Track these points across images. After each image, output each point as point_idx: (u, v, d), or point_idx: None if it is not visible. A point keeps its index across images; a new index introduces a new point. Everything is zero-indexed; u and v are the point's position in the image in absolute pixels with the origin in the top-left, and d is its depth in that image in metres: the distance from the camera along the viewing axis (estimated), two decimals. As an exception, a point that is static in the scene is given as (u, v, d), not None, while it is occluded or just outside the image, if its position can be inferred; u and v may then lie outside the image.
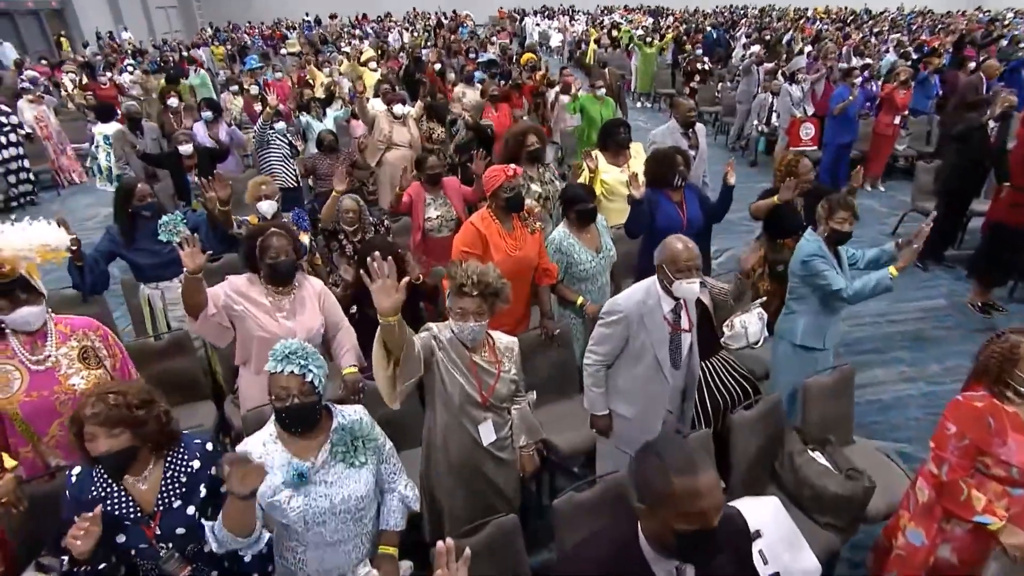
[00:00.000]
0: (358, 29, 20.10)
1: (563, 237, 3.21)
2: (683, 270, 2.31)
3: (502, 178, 2.98)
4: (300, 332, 2.55)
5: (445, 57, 9.47)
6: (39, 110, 8.04)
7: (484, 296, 2.10)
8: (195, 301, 2.42)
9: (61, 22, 20.33)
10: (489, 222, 3.04)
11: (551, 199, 4.10)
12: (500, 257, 2.92)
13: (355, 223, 3.96)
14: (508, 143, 4.08)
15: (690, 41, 13.20)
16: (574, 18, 21.86)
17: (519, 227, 3.08)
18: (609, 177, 4.19)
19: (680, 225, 3.45)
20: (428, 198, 4.11)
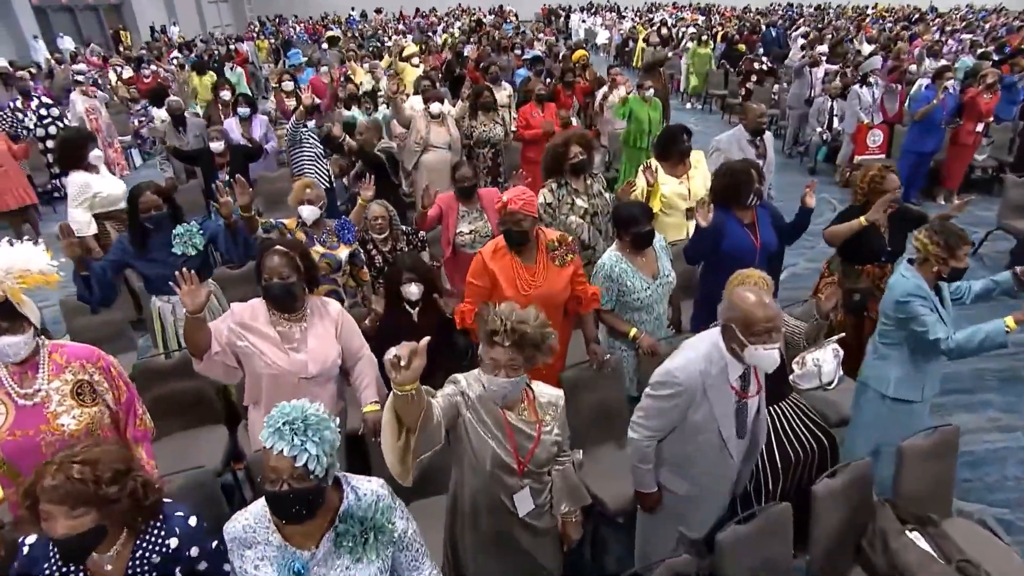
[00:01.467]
0: (401, 24, 19.97)
1: (615, 262, 2.84)
2: (760, 334, 1.88)
3: (501, 209, 2.57)
4: (312, 365, 2.28)
5: (493, 53, 9.16)
6: (90, 103, 8.06)
7: (521, 347, 1.76)
8: (197, 342, 2.16)
9: (119, 16, 20.84)
10: (503, 253, 2.63)
11: (599, 214, 3.73)
12: (511, 295, 2.55)
13: (385, 230, 3.69)
14: (548, 155, 3.70)
15: (743, 40, 12.56)
16: (622, 15, 21.27)
17: (543, 260, 2.66)
18: (668, 189, 3.81)
19: (752, 250, 3.05)
20: (461, 210, 3.77)
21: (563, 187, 3.65)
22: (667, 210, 3.92)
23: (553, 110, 5.66)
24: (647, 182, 3.74)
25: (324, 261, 3.28)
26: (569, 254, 2.64)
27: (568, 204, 3.64)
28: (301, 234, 3.31)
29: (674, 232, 3.94)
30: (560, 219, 3.64)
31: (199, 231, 3.01)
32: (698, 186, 3.90)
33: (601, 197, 3.75)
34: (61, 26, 18.15)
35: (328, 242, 3.36)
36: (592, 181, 3.75)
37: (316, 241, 3.32)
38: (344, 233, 3.40)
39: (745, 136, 4.10)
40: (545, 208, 3.58)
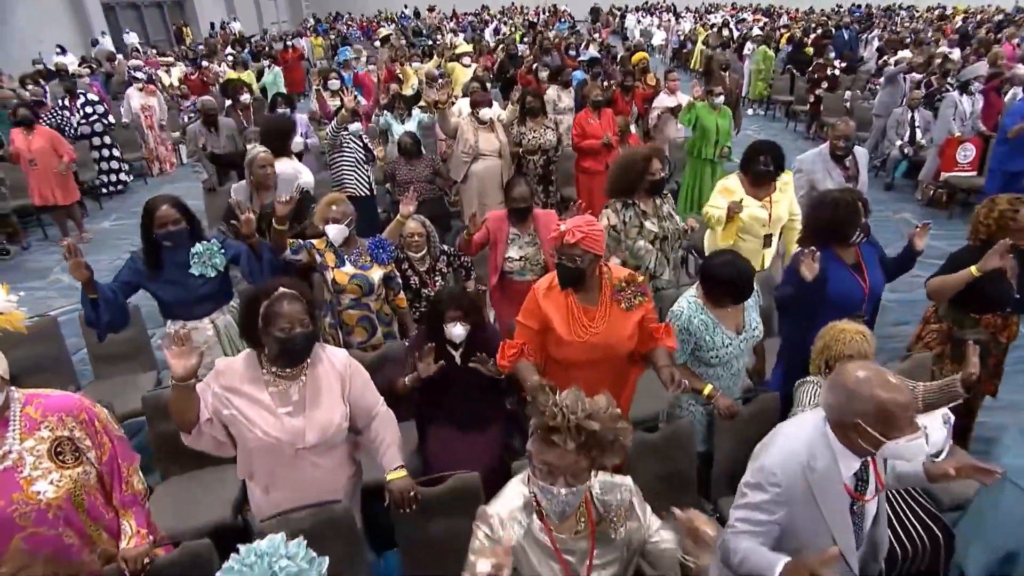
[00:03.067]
0: (452, 22, 19.78)
1: (694, 312, 2.41)
2: (902, 427, 1.47)
3: (557, 238, 2.14)
4: (311, 433, 1.92)
5: (539, 54, 8.79)
6: (147, 100, 8.08)
7: (587, 448, 1.37)
8: (185, 414, 1.84)
9: (181, 13, 21.36)
10: (560, 290, 2.23)
11: (669, 239, 3.31)
12: (566, 339, 2.19)
13: (422, 248, 3.36)
14: (622, 170, 3.23)
15: (813, 43, 11.79)
16: (680, 16, 20.53)
17: (607, 302, 2.25)
18: (745, 212, 3.37)
19: (859, 296, 2.59)
20: (511, 233, 3.38)
21: (630, 208, 3.23)
22: (743, 235, 3.47)
23: (610, 117, 5.24)
24: (729, 212, 3.28)
25: (354, 283, 2.98)
26: (638, 296, 2.21)
27: (636, 227, 3.23)
28: (331, 255, 3.01)
29: (751, 260, 3.48)
30: (627, 244, 3.23)
31: (220, 250, 2.74)
32: (781, 211, 3.43)
33: (671, 220, 3.32)
34: (128, 23, 18.68)
35: (359, 262, 3.04)
36: (662, 202, 3.33)
37: (347, 261, 3.02)
38: (379, 253, 3.07)
39: (831, 154, 3.59)
40: (610, 232, 3.18)
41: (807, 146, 9.60)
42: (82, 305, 2.60)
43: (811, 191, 3.66)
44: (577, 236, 2.05)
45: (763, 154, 3.36)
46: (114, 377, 3.38)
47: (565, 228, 2.05)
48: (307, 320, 1.88)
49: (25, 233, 6.42)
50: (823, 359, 2.32)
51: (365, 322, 3.07)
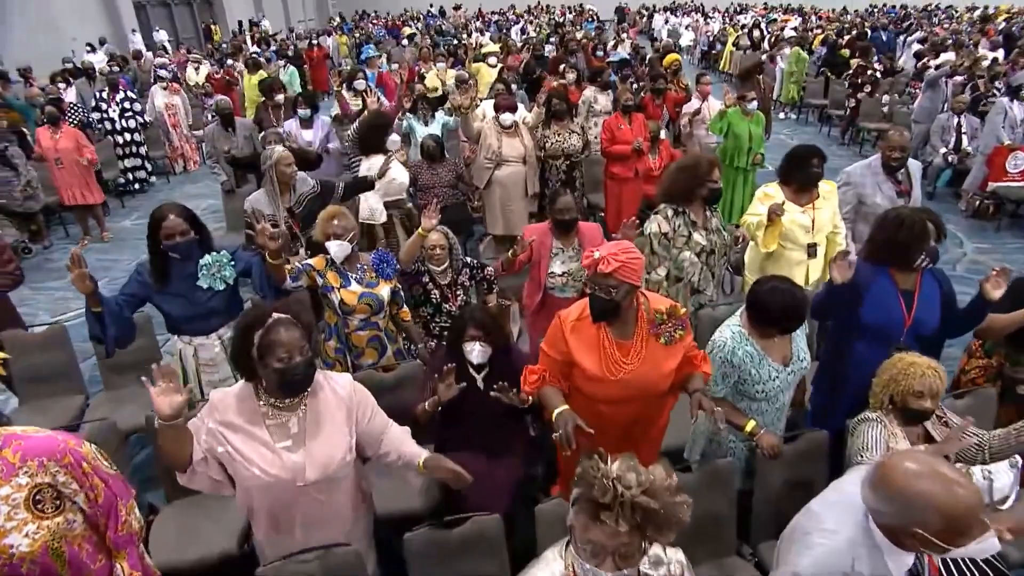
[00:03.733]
0: (478, 21, 19.63)
1: (739, 343, 2.20)
2: (971, 532, 1.27)
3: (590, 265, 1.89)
4: (312, 470, 1.75)
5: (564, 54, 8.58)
6: (170, 99, 8.07)
7: (642, 528, 1.20)
8: (177, 454, 1.70)
9: (210, 11, 21.55)
10: (589, 322, 1.99)
11: (715, 253, 3.11)
12: (593, 374, 1.98)
13: (444, 261, 3.18)
14: (681, 175, 3.02)
15: (848, 45, 11.40)
16: (708, 16, 20.13)
17: (643, 335, 2.02)
18: (787, 218, 3.16)
19: (898, 325, 2.36)
20: (555, 247, 3.17)
21: (680, 215, 3.03)
22: (785, 243, 3.25)
23: (642, 122, 5.03)
24: (771, 214, 3.07)
25: (364, 302, 2.81)
26: (679, 330, 2.00)
27: (683, 237, 3.03)
28: (333, 274, 2.83)
29: (793, 273, 3.26)
30: (672, 254, 3.05)
31: (230, 261, 2.60)
32: (824, 219, 3.21)
33: (719, 234, 3.11)
34: (158, 20, 18.89)
35: (365, 279, 2.86)
36: (712, 214, 3.12)
37: (352, 280, 2.84)
38: (383, 267, 2.89)
39: (882, 167, 3.35)
40: (660, 239, 3.00)
41: (842, 152, 9.29)
42: (86, 319, 2.48)
43: (859, 206, 3.43)
44: (613, 265, 1.83)
45: (814, 156, 3.15)
46: (124, 387, 3.27)
47: (599, 255, 1.84)
48: (306, 347, 1.72)
49: (48, 232, 6.41)
50: (887, 393, 2.11)
51: (375, 342, 2.91)
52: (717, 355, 2.21)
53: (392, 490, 2.48)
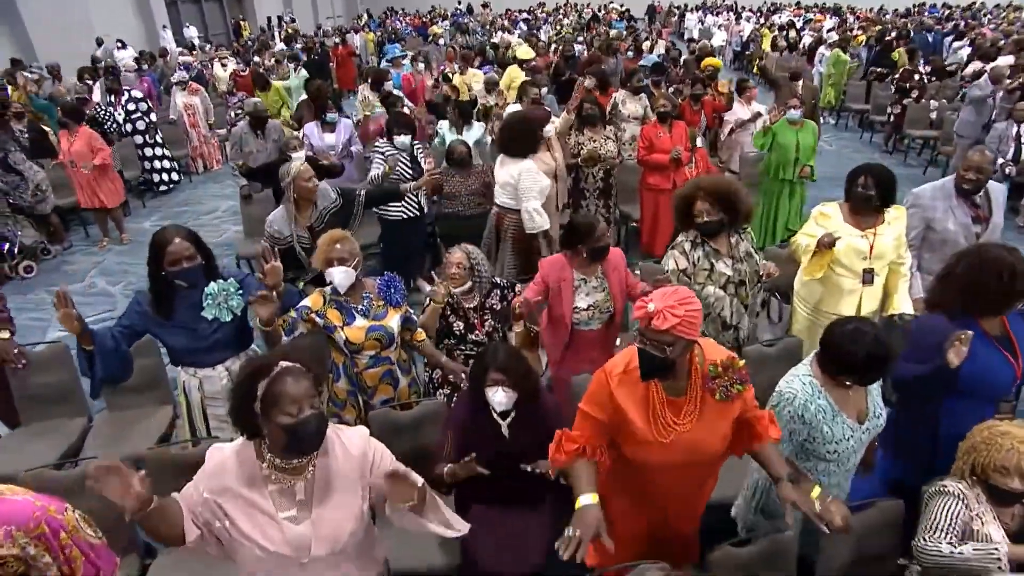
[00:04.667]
0: (507, 20, 19.35)
1: (810, 396, 1.92)
2: None
3: (643, 318, 1.61)
4: (319, 544, 1.54)
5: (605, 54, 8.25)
6: (189, 99, 7.98)
7: None
8: (166, 535, 1.50)
9: (240, 7, 21.63)
10: (637, 375, 1.71)
11: (747, 283, 2.81)
12: (642, 436, 1.73)
13: (465, 282, 2.91)
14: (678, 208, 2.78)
15: (901, 44, 10.88)
16: (741, 15, 19.57)
17: (698, 392, 1.75)
18: (843, 241, 2.86)
19: (1009, 378, 2.05)
20: (577, 279, 2.87)
21: (700, 247, 2.75)
22: (837, 268, 2.94)
23: (683, 130, 4.72)
24: (820, 245, 2.78)
25: (373, 338, 2.53)
26: (737, 385, 1.73)
27: (705, 270, 2.74)
28: (334, 312, 2.53)
29: (845, 302, 2.98)
30: (695, 289, 2.76)
31: (238, 290, 2.36)
32: (886, 246, 2.88)
33: (750, 260, 2.81)
34: (189, 17, 19.00)
35: (372, 310, 2.58)
36: (739, 239, 2.82)
37: (357, 313, 2.55)
38: (391, 294, 2.61)
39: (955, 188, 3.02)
40: (679, 277, 2.72)
41: (886, 160, 8.83)
42: (77, 356, 2.28)
43: (927, 231, 3.10)
44: (670, 321, 1.56)
45: (863, 175, 2.83)
46: (128, 409, 3.10)
47: (654, 308, 1.58)
48: (317, 400, 1.50)
49: (67, 233, 6.33)
50: (970, 462, 1.82)
51: (388, 377, 2.64)
52: (784, 410, 1.92)
53: (406, 544, 2.25)
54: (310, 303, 2.52)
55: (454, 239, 4.96)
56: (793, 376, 1.99)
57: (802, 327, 3.20)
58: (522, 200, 3.92)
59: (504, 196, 4.07)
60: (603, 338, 2.93)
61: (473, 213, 4.86)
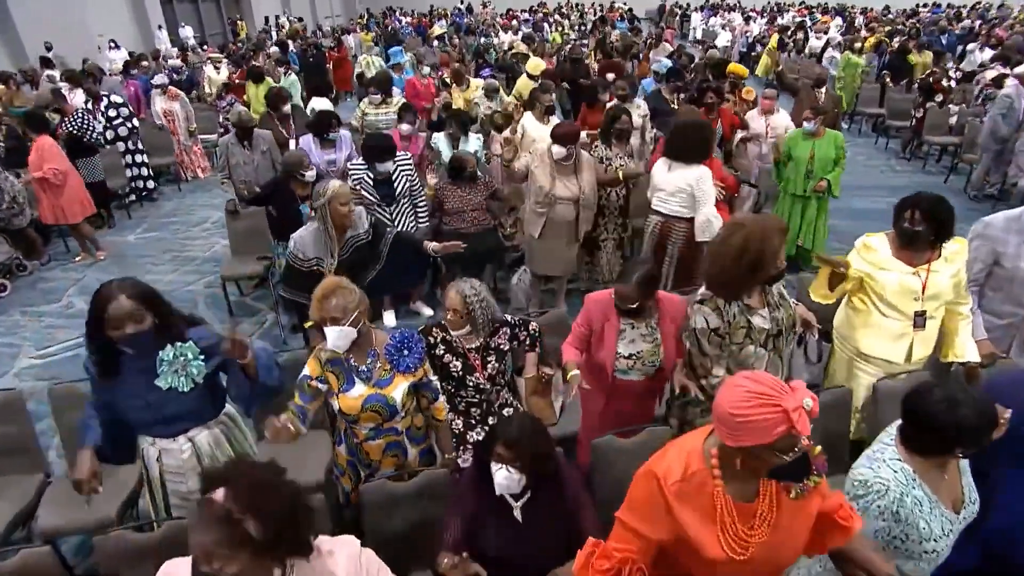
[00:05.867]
0: (512, 20, 18.95)
1: (905, 487, 1.60)
2: None
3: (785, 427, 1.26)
4: None
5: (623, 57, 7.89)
6: (169, 105, 7.63)
7: None
8: None
9: (236, 7, 21.26)
10: (702, 483, 1.40)
11: (784, 333, 2.43)
12: (710, 555, 1.39)
13: (462, 326, 2.54)
14: (734, 267, 2.20)
15: (914, 46, 10.54)
16: (747, 15, 19.20)
17: (772, 490, 1.43)
18: (891, 278, 2.53)
19: None
20: (624, 323, 2.54)
21: (734, 302, 2.34)
22: (884, 308, 2.60)
23: None
24: (831, 266, 2.51)
25: (370, 409, 2.17)
26: (814, 477, 1.40)
27: (743, 328, 2.35)
28: (331, 376, 2.18)
29: (892, 347, 2.64)
30: (730, 350, 2.39)
31: (199, 355, 1.98)
32: (941, 284, 2.52)
33: (784, 305, 2.43)
34: (184, 16, 18.64)
35: (375, 374, 2.22)
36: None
37: (357, 377, 2.19)
38: (402, 358, 2.22)
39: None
40: (710, 337, 2.34)
41: (904, 168, 8.50)
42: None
43: (994, 267, 2.76)
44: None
45: (911, 208, 2.48)
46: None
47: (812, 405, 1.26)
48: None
49: (46, 248, 5.98)
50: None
51: (395, 448, 2.29)
52: (874, 504, 1.59)
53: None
54: (308, 370, 2.17)
55: (457, 258, 4.66)
56: (878, 461, 1.65)
57: (841, 371, 2.87)
58: (701, 206, 3.68)
59: (674, 203, 3.81)
60: (642, 391, 2.59)
61: (478, 230, 4.53)
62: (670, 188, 3.79)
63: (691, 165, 3.72)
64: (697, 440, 1.45)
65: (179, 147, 7.81)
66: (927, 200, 2.48)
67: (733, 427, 1.28)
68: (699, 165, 3.72)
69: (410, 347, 2.24)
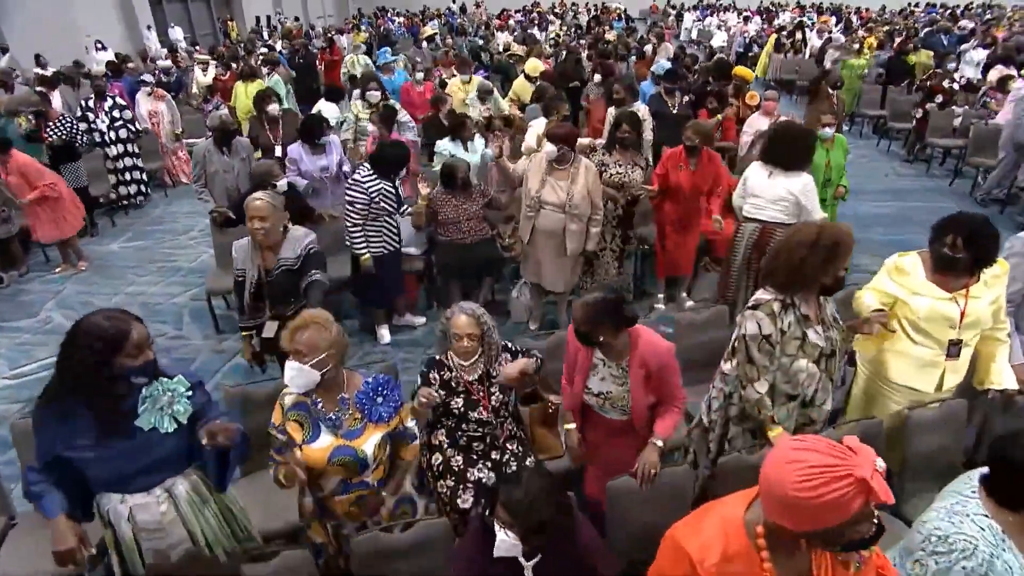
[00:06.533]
0: (510, 20, 18.73)
1: (995, 548, 1.42)
2: None
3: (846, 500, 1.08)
4: None
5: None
6: (155, 106, 7.39)
7: None
8: None
9: (227, 7, 20.94)
10: (745, 557, 1.21)
11: (838, 353, 2.28)
12: None
13: (474, 354, 2.36)
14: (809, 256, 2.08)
15: (911, 46, 10.40)
16: (742, 13, 19.03)
17: (828, 562, 1.25)
18: (925, 304, 2.36)
19: None
20: (595, 358, 2.28)
21: (791, 310, 2.19)
22: (916, 335, 2.42)
23: (714, 169, 4.05)
24: (869, 323, 2.30)
25: (337, 463, 1.95)
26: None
27: (796, 339, 2.19)
28: (295, 426, 1.95)
29: (921, 376, 2.47)
30: (781, 363, 2.22)
31: (186, 392, 1.77)
32: (981, 311, 2.35)
33: (837, 326, 2.28)
34: (174, 16, 18.34)
35: (344, 423, 1.98)
36: (826, 301, 2.28)
37: (324, 426, 1.97)
38: (374, 407, 1.98)
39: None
40: (761, 344, 2.18)
41: (907, 171, 8.35)
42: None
43: (1032, 287, 2.59)
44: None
45: (952, 232, 2.28)
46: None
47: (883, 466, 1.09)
48: None
49: (27, 256, 5.73)
50: None
51: (362, 501, 2.07)
52: (958, 564, 1.40)
53: None
54: (273, 417, 1.95)
55: (454, 270, 4.47)
56: (960, 515, 1.46)
57: (863, 396, 2.71)
58: (811, 215, 3.56)
59: (773, 210, 3.67)
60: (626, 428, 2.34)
61: (474, 241, 4.34)
62: (770, 195, 3.65)
63: (795, 173, 3.60)
64: (735, 511, 1.26)
65: (162, 149, 7.57)
66: (969, 223, 2.28)
67: (802, 512, 1.09)
68: (803, 173, 3.62)
69: (385, 394, 2.01)
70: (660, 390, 2.22)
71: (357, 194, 3.82)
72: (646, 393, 2.21)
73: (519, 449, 2.55)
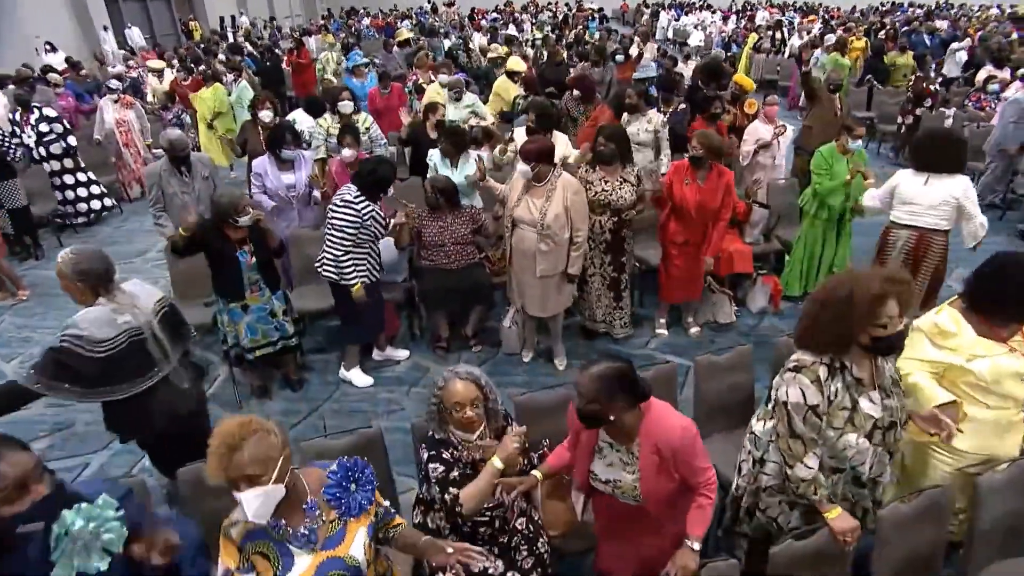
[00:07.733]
0: (480, 18, 18.28)
1: None
2: None
3: None
4: None
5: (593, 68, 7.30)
6: (123, 114, 6.82)
7: None
8: None
9: (189, 7, 20.13)
10: None
11: (898, 425, 1.91)
12: None
13: (478, 425, 2.00)
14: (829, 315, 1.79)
15: (892, 47, 10.28)
16: (728, 18, 18.83)
17: None
18: (987, 366, 2.07)
19: None
20: (602, 439, 1.95)
21: (839, 374, 1.84)
22: (989, 399, 2.11)
23: (724, 182, 3.68)
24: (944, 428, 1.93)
25: None
26: None
27: (845, 410, 1.83)
28: (260, 560, 1.54)
29: (1004, 441, 2.16)
30: (826, 435, 1.86)
31: (117, 515, 1.37)
32: None
33: (897, 390, 1.92)
34: (131, 16, 17.52)
35: (323, 534, 1.58)
36: (885, 361, 1.91)
37: (294, 547, 1.55)
38: (350, 497, 1.61)
39: None
40: (806, 416, 1.82)
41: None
42: None
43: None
44: None
45: (1003, 279, 2.02)
46: None
47: None
48: None
49: (-41, 285, 5.15)
50: None
51: None
52: None
53: None
54: (223, 564, 1.50)
55: (439, 299, 4.05)
56: None
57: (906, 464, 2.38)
58: (973, 215, 3.50)
59: (930, 217, 3.56)
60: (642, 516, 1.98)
61: (461, 266, 3.94)
62: (929, 201, 3.52)
63: (952, 176, 3.47)
64: None
65: (135, 159, 6.99)
66: (1015, 265, 2.03)
67: None
68: (959, 175, 3.51)
69: (357, 478, 1.62)
70: (681, 474, 1.86)
71: (350, 217, 3.42)
72: (664, 482, 1.85)
73: (529, 529, 2.18)
